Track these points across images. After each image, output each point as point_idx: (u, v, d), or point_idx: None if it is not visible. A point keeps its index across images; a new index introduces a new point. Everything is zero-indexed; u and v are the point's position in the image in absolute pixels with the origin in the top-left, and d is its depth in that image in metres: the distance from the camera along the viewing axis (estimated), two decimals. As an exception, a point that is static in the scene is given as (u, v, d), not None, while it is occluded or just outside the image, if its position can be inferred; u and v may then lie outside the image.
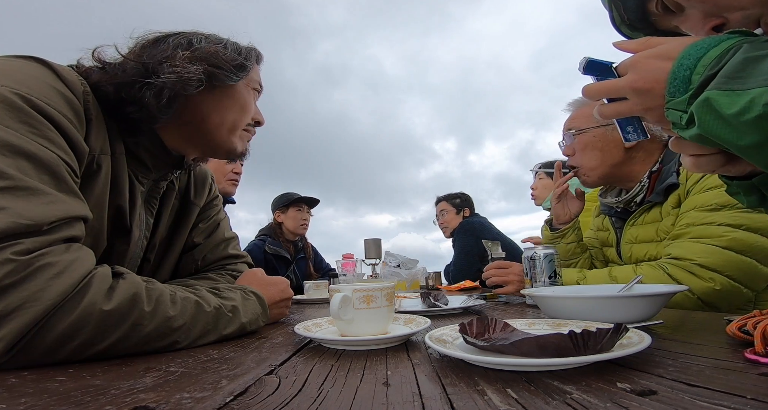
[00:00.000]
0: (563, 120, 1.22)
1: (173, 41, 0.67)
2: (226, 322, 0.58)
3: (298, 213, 2.40)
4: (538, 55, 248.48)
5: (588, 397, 0.28)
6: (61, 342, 0.42)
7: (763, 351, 0.36)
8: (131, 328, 0.46)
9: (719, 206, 0.90)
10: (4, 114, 0.47)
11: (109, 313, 0.44)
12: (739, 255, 0.85)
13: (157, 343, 0.49)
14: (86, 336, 0.43)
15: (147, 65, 0.62)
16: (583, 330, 0.35)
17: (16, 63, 0.53)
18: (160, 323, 0.49)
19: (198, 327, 0.54)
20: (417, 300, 1.00)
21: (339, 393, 0.32)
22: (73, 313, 0.42)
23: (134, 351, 0.48)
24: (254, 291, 0.68)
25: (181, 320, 0.51)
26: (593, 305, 0.57)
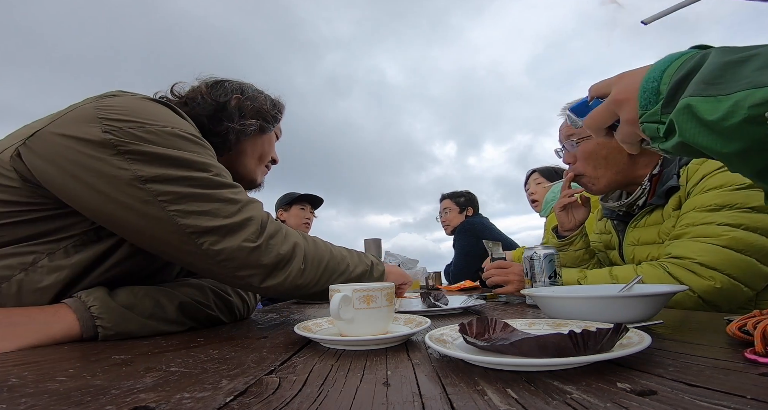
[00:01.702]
0: (560, 124, 1.19)
1: (229, 86, 0.84)
2: (352, 277, 0.74)
3: (301, 211, 2.39)
4: (535, 61, 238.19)
5: (588, 397, 0.28)
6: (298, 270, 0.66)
7: (763, 351, 0.36)
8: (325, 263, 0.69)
9: (719, 206, 0.90)
10: (198, 149, 0.64)
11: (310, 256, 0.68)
12: (739, 254, 0.86)
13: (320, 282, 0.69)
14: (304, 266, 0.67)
15: (219, 105, 0.80)
16: (583, 330, 0.35)
17: (155, 105, 0.65)
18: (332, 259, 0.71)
19: (335, 269, 0.72)
20: (417, 300, 1.00)
21: (339, 393, 0.32)
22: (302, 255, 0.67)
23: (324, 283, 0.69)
24: (379, 268, 0.81)
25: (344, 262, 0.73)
26: (593, 305, 0.57)
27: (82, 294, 0.59)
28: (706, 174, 0.95)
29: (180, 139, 0.62)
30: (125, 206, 0.57)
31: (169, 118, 0.64)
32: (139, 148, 0.57)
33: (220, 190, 0.63)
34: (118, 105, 0.60)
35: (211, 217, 0.60)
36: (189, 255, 0.61)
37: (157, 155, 0.58)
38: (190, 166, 0.61)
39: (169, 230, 0.59)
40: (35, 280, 0.58)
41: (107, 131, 0.57)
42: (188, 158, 0.61)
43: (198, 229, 0.59)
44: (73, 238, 0.62)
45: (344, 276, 0.72)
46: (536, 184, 2.20)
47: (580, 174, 1.14)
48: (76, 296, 0.59)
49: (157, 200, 0.57)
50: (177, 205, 0.58)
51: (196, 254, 0.60)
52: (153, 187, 0.57)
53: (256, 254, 0.62)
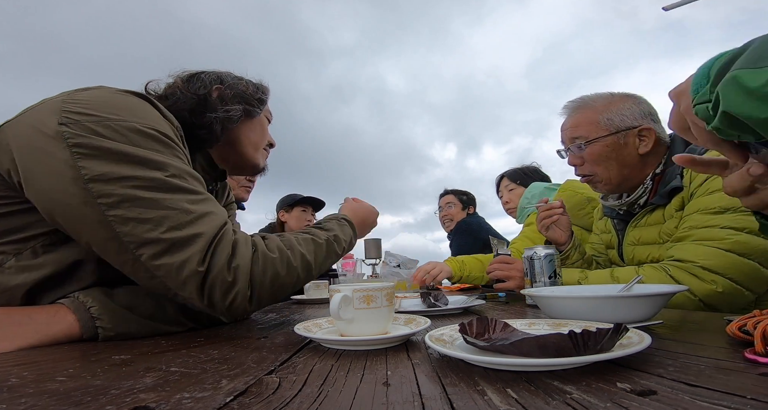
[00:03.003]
0: (558, 126, 1.17)
1: (206, 77, 0.81)
2: (334, 247, 0.75)
3: (302, 213, 2.40)
4: (534, 65, 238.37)
5: (588, 397, 0.28)
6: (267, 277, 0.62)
7: (763, 351, 0.36)
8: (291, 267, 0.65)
9: (723, 209, 0.89)
10: (164, 149, 0.59)
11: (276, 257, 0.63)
12: (742, 257, 0.85)
13: (301, 279, 0.67)
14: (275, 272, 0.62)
15: (200, 97, 0.77)
16: (583, 330, 0.35)
17: (129, 99, 0.61)
18: (301, 261, 0.66)
19: (319, 256, 0.70)
20: (417, 300, 1.00)
21: (339, 393, 0.32)
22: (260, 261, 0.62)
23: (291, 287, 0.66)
24: (346, 218, 0.85)
25: (309, 256, 0.68)
26: (593, 305, 0.57)
27: (80, 294, 0.59)
28: (710, 175, 0.93)
29: (139, 134, 0.57)
30: (64, 206, 0.53)
31: (139, 113, 0.59)
32: (90, 142, 0.53)
33: (173, 195, 0.57)
34: (85, 98, 0.57)
35: (153, 227, 0.54)
36: (127, 266, 0.56)
37: (106, 150, 0.54)
38: (142, 163, 0.55)
39: (106, 236, 0.54)
40: (3, 281, 0.57)
41: (63, 124, 0.53)
42: (141, 155, 0.56)
43: (136, 239, 0.54)
44: (40, 238, 0.59)
45: (314, 270, 0.70)
46: (508, 191, 2.14)
47: (589, 175, 1.11)
48: (74, 296, 0.58)
49: (96, 202, 0.53)
50: (117, 209, 0.53)
51: (134, 266, 0.56)
52: (95, 187, 0.53)
53: (196, 279, 0.56)
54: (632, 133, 1.05)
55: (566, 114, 1.16)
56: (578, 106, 1.12)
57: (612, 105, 1.07)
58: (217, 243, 0.58)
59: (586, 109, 1.10)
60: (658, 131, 1.07)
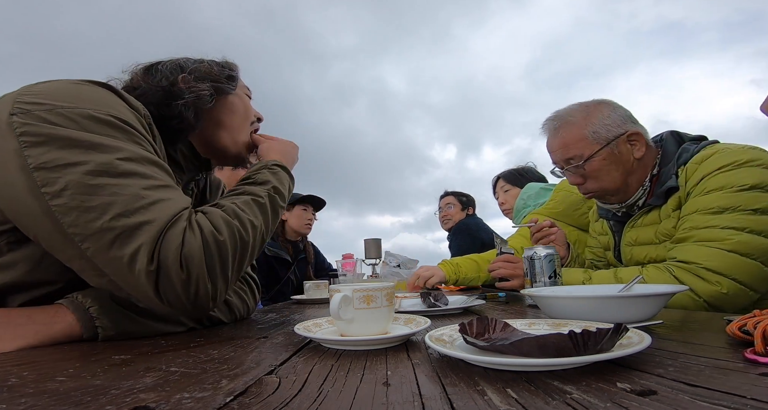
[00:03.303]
0: (546, 142, 1.14)
1: (164, 68, 0.76)
2: (278, 200, 0.72)
3: (303, 212, 2.39)
4: (534, 67, 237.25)
5: (588, 397, 0.28)
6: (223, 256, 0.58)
7: (763, 351, 0.36)
8: (244, 240, 0.61)
9: (722, 209, 0.89)
10: (121, 135, 0.56)
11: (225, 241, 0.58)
12: (745, 257, 0.85)
13: (256, 248, 0.65)
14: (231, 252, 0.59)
15: (164, 88, 0.73)
16: (583, 330, 0.35)
17: (92, 88, 0.59)
18: (252, 230, 0.63)
19: (267, 218, 0.68)
20: (417, 300, 1.00)
21: (339, 393, 0.32)
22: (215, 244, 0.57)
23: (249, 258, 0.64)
24: (276, 163, 0.80)
25: (257, 222, 0.65)
26: (593, 305, 0.57)
27: (79, 295, 0.58)
28: (705, 174, 0.94)
29: (93, 120, 0.53)
30: (11, 197, 0.51)
31: (96, 100, 0.56)
32: (38, 130, 0.51)
33: (124, 180, 0.52)
34: (41, 89, 0.55)
35: (98, 215, 0.49)
36: (75, 262, 0.52)
37: (54, 137, 0.51)
38: (92, 148, 0.51)
39: (51, 228, 0.50)
40: None
41: (14, 113, 0.51)
42: (92, 140, 0.52)
43: (80, 230, 0.49)
44: (3, 235, 0.56)
45: (266, 234, 0.68)
46: (504, 192, 2.14)
47: (594, 190, 1.10)
48: (73, 296, 0.58)
49: (40, 191, 0.49)
50: (60, 198, 0.49)
51: (81, 262, 0.51)
52: (39, 176, 0.49)
53: (149, 276, 0.51)
54: (622, 141, 1.04)
55: (548, 133, 1.13)
56: (560, 125, 1.10)
57: (591, 116, 1.06)
58: (167, 231, 0.52)
59: (568, 126, 1.08)
60: (645, 135, 1.07)
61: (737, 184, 0.89)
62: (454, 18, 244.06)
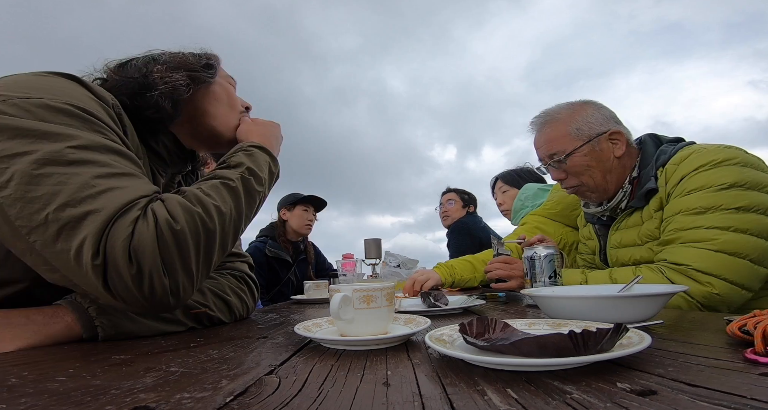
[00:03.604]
0: (533, 139, 1.17)
1: (137, 61, 0.76)
2: (253, 184, 0.68)
3: (304, 212, 2.39)
4: (533, 68, 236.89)
5: (588, 397, 0.28)
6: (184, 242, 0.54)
7: (763, 351, 0.36)
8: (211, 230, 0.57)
9: (704, 209, 0.90)
10: (77, 123, 0.53)
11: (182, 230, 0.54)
12: (733, 257, 0.85)
13: (227, 235, 0.61)
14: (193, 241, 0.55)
15: (136, 80, 0.71)
16: (583, 330, 0.35)
17: (55, 79, 0.58)
18: (218, 216, 0.59)
19: (240, 204, 0.64)
20: (417, 300, 1.00)
21: (339, 393, 0.32)
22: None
23: (219, 252, 0.60)
24: (252, 144, 0.76)
25: (225, 208, 0.60)
26: (593, 305, 0.57)
27: (77, 295, 0.58)
28: (684, 175, 0.95)
29: (48, 109, 0.52)
30: None
31: (55, 90, 0.55)
32: None
33: (74, 169, 0.49)
34: (3, 83, 0.54)
35: (42, 206, 0.47)
36: (26, 257, 0.50)
37: (5, 127, 0.49)
38: (43, 137, 0.50)
39: (0, 222, 0.48)
40: None
41: None
42: (43, 129, 0.50)
43: (27, 222, 0.47)
44: None
45: (238, 220, 0.63)
46: (502, 193, 2.14)
47: (575, 186, 1.13)
48: (71, 297, 0.58)
49: None
50: (6, 189, 0.47)
51: (32, 256, 0.49)
52: None
53: (96, 270, 0.48)
54: (604, 139, 1.07)
55: (535, 130, 1.17)
56: (545, 122, 1.13)
57: (576, 114, 1.09)
58: (115, 222, 0.48)
59: (554, 123, 1.12)
60: (626, 135, 1.09)
61: (716, 183, 0.90)
62: (454, 20, 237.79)
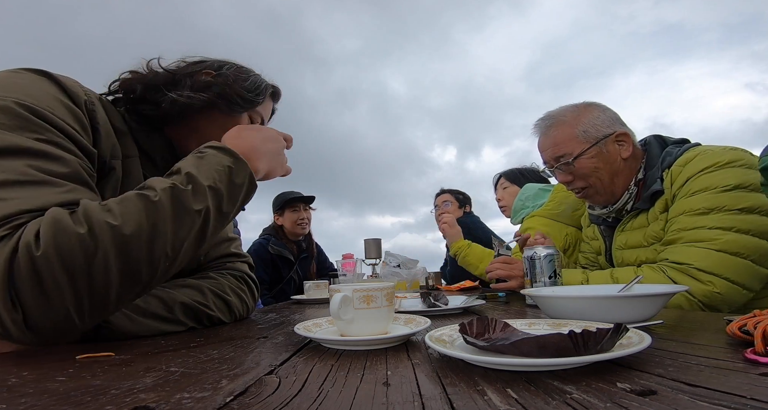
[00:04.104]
0: (537, 142, 1.17)
1: (209, 64, 0.78)
2: (189, 197, 0.53)
3: (294, 213, 2.40)
4: (533, 70, 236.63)
5: (588, 397, 0.28)
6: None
7: (764, 351, 0.36)
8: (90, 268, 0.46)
9: (707, 209, 0.90)
10: (10, 122, 0.51)
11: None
12: (735, 256, 0.86)
13: (133, 258, 0.49)
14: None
15: (175, 75, 0.73)
16: (583, 330, 0.35)
17: (23, 76, 0.58)
18: (111, 240, 0.46)
19: (160, 222, 0.50)
20: (417, 300, 1.00)
21: (339, 393, 0.32)
22: None
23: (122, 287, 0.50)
24: (211, 145, 0.62)
25: (129, 227, 0.47)
26: (593, 305, 0.57)
27: None
28: (690, 176, 0.95)
29: None
30: None
31: (16, 87, 0.54)
32: None
33: None
34: None
35: None
36: None
37: None
38: None
39: None
40: None
41: None
42: None
43: None
44: None
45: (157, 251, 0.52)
46: (503, 189, 2.15)
47: (583, 187, 1.12)
48: None
49: None
50: None
51: None
52: None
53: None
54: (610, 140, 1.07)
55: (540, 133, 1.16)
56: (551, 124, 1.13)
57: (582, 116, 1.09)
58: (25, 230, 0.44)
59: (560, 126, 1.11)
60: (632, 137, 1.09)
61: (721, 184, 0.91)
62: (454, 24, 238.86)
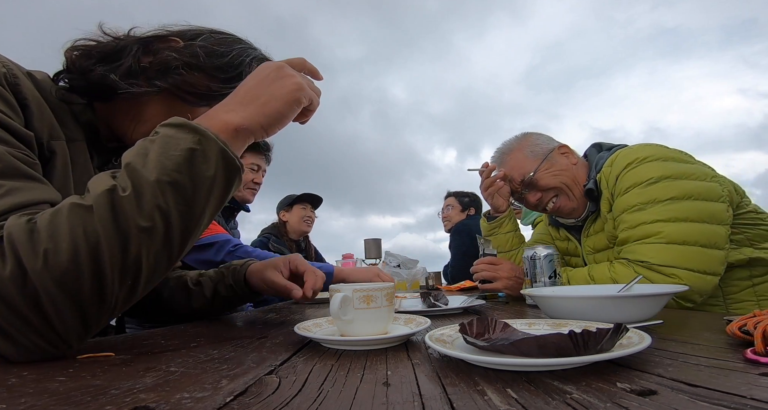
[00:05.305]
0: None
1: (176, 32, 0.65)
2: (131, 201, 0.41)
3: (302, 210, 2.42)
4: (532, 73, 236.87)
5: (588, 397, 0.28)
6: None
7: (764, 351, 0.36)
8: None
9: (642, 204, 0.94)
10: None
11: None
12: (684, 246, 0.88)
13: (87, 298, 0.41)
14: None
15: (119, 43, 0.61)
16: (583, 330, 0.35)
17: None
18: (47, 274, 0.38)
19: (104, 239, 0.40)
20: (417, 300, 1.00)
21: (339, 393, 0.32)
22: None
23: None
24: (171, 122, 0.47)
25: (64, 253, 0.39)
26: (593, 305, 0.57)
27: None
28: (617, 174, 1.01)
29: None
30: None
31: None
32: None
33: None
34: None
35: None
36: None
37: None
38: None
39: None
40: None
41: None
42: None
43: None
44: None
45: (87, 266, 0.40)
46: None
47: (552, 199, 1.18)
48: None
49: None
50: None
51: None
52: None
53: None
54: (556, 153, 1.19)
55: (498, 164, 1.27)
56: (502, 154, 1.27)
57: (523, 142, 1.24)
58: None
59: (510, 153, 1.24)
60: (570, 146, 1.21)
61: (644, 178, 0.95)
62: (455, 32, 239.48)
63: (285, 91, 0.52)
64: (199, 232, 0.49)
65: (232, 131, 0.49)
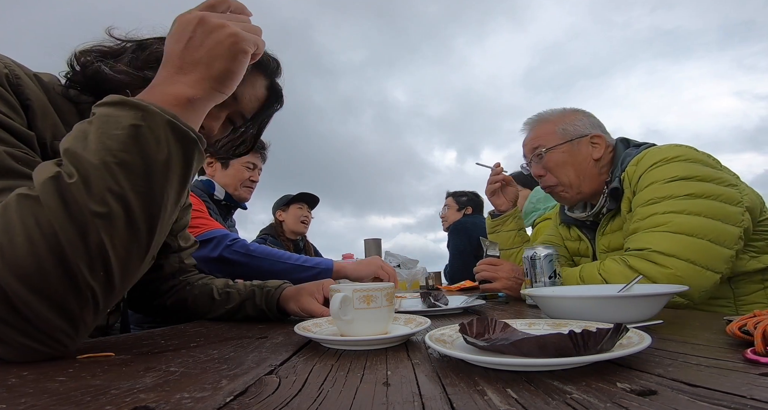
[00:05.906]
0: (523, 139, 1.26)
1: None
2: (78, 186, 0.40)
3: (299, 210, 2.41)
4: (532, 75, 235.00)
5: (588, 397, 0.28)
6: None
7: (764, 351, 0.36)
8: None
9: (658, 199, 0.94)
10: None
11: None
12: (692, 237, 0.88)
13: (60, 293, 0.40)
14: None
15: (123, 45, 0.63)
16: (583, 330, 0.35)
17: None
18: (6, 269, 0.37)
19: (60, 229, 0.39)
20: (417, 300, 1.00)
21: (339, 393, 0.32)
22: None
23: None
24: (103, 101, 0.45)
25: (21, 247, 0.38)
26: (593, 305, 0.57)
27: None
28: (641, 173, 1.00)
29: None
30: None
31: None
32: None
33: None
34: None
35: None
36: None
37: None
38: None
39: None
40: None
41: None
42: None
43: None
44: None
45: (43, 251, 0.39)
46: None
47: (552, 185, 1.19)
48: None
49: None
50: None
51: None
52: None
53: None
54: (585, 141, 1.16)
55: (527, 130, 1.25)
56: (536, 121, 1.23)
57: (566, 117, 1.20)
58: None
59: (543, 122, 1.21)
60: (607, 140, 1.17)
61: (665, 177, 0.96)
62: (456, 36, 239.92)
63: (224, 47, 0.49)
64: (169, 215, 0.47)
65: (185, 103, 0.47)
